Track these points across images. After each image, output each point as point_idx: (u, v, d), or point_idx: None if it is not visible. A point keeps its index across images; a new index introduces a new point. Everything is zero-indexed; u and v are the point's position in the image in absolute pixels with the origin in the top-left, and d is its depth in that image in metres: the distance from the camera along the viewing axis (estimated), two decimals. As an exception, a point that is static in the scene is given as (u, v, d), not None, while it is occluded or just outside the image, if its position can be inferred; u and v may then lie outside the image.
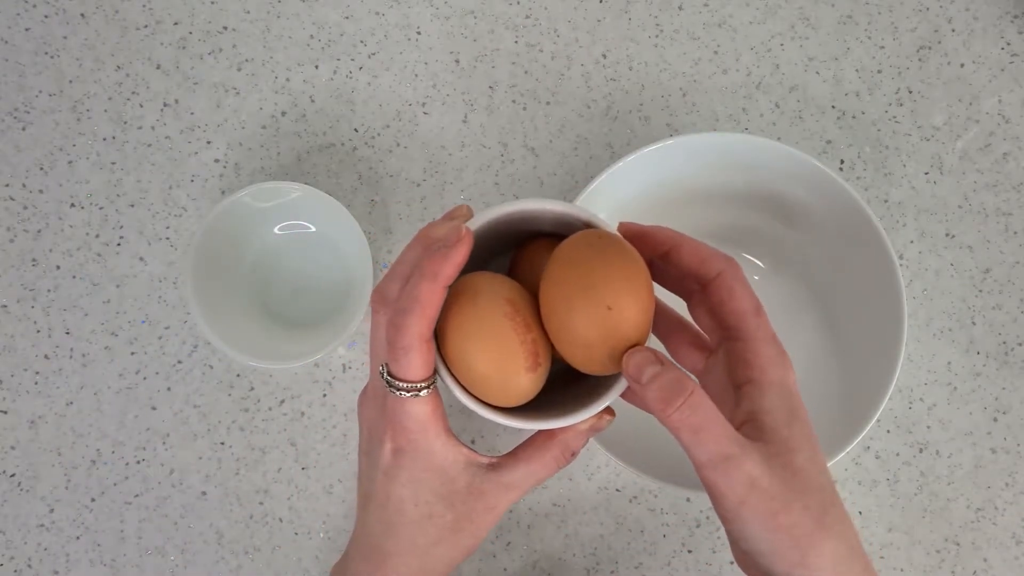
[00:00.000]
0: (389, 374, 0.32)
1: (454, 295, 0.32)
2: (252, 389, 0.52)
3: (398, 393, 0.32)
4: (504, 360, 0.32)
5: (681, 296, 0.37)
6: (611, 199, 0.48)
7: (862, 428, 0.45)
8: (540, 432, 0.35)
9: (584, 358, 0.32)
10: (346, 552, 0.37)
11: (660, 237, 0.35)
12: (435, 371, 0.33)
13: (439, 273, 0.31)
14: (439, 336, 0.33)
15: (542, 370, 0.33)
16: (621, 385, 0.33)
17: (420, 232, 0.34)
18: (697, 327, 0.37)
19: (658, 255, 0.35)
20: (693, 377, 0.33)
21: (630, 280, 0.31)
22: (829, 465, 0.46)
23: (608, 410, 0.34)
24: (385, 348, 0.33)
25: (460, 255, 0.31)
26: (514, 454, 0.35)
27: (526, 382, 0.32)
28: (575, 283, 0.31)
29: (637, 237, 0.35)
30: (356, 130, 0.54)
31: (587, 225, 0.34)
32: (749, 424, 0.33)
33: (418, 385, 0.32)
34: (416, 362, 0.32)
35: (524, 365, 0.32)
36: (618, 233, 0.34)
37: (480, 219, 0.33)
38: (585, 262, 0.31)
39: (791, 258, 0.51)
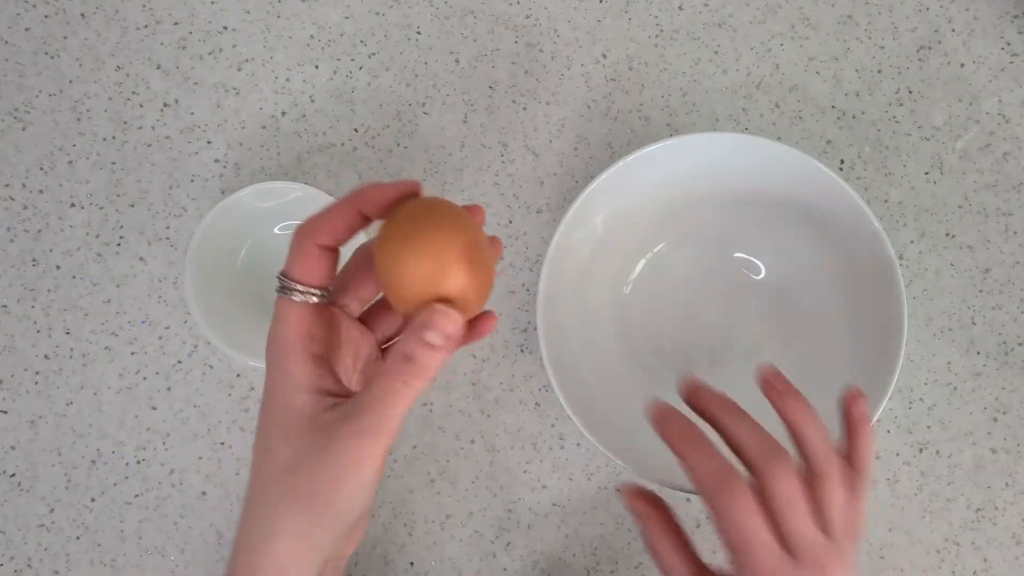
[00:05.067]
0: (281, 274, 0.32)
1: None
2: (252, 389, 0.52)
3: (280, 293, 0.32)
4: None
5: None
6: (611, 199, 0.48)
7: (862, 428, 0.45)
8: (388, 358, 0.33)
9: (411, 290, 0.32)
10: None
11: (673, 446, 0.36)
12: (326, 290, 0.33)
13: (354, 197, 0.32)
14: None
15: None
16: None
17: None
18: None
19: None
20: None
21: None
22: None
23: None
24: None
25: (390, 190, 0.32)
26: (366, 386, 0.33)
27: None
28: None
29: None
30: (356, 130, 0.54)
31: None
32: None
33: (299, 288, 0.31)
34: (299, 260, 0.31)
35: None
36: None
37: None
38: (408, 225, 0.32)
39: (791, 258, 0.51)
